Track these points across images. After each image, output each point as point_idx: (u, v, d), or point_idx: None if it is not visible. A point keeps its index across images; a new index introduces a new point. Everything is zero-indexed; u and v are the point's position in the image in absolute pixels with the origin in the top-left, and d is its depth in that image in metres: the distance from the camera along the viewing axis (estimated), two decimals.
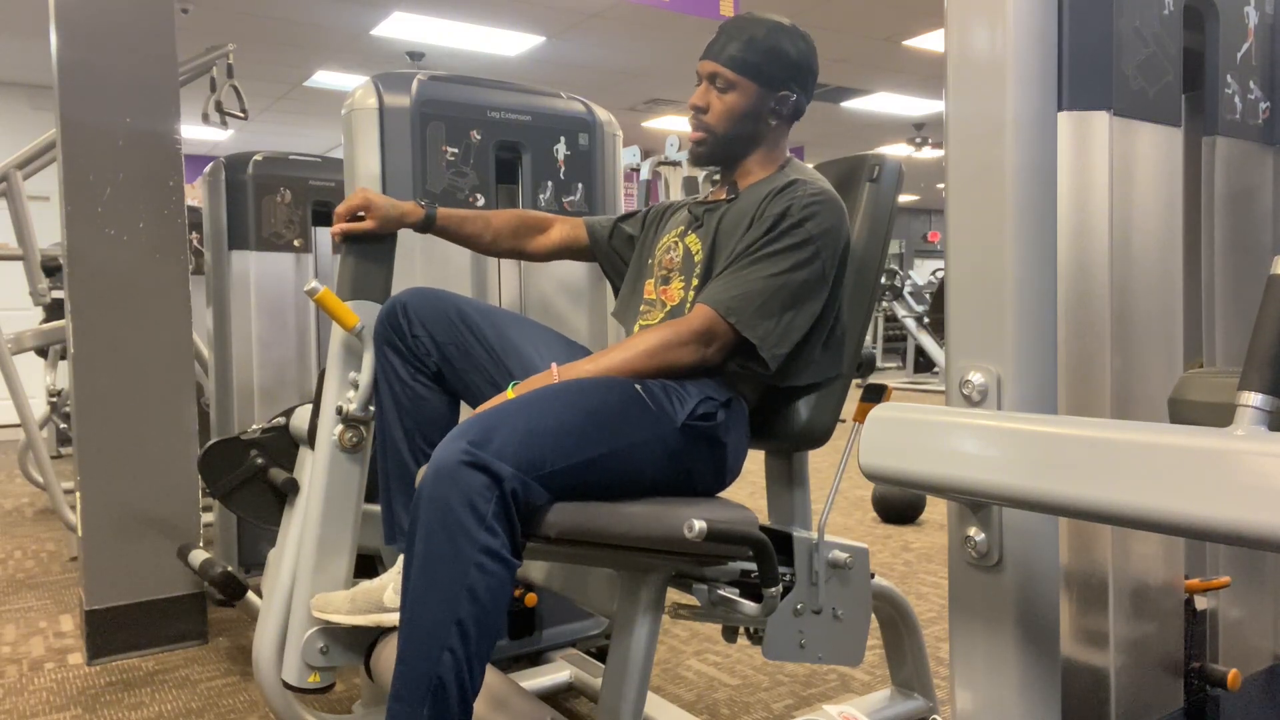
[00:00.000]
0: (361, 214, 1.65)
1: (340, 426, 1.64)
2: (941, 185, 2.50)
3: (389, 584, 1.56)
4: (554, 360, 1.56)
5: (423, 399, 1.56)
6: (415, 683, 1.16)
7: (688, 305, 1.54)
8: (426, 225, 1.71)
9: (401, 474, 1.57)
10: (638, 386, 1.38)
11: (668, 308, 1.59)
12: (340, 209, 1.66)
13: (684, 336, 1.44)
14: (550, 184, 2.11)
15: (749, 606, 1.32)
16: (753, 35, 1.55)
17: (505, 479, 1.18)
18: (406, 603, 1.20)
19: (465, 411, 1.59)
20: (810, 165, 1.67)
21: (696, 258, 1.58)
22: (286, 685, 1.58)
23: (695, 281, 1.55)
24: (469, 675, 1.17)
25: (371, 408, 1.64)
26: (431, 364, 1.56)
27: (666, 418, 1.38)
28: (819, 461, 1.77)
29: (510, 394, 1.39)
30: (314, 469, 1.66)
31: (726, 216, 1.57)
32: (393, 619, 1.54)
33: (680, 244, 1.63)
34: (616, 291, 1.83)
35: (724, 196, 1.62)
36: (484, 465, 1.17)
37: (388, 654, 1.53)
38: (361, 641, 1.60)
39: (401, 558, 1.58)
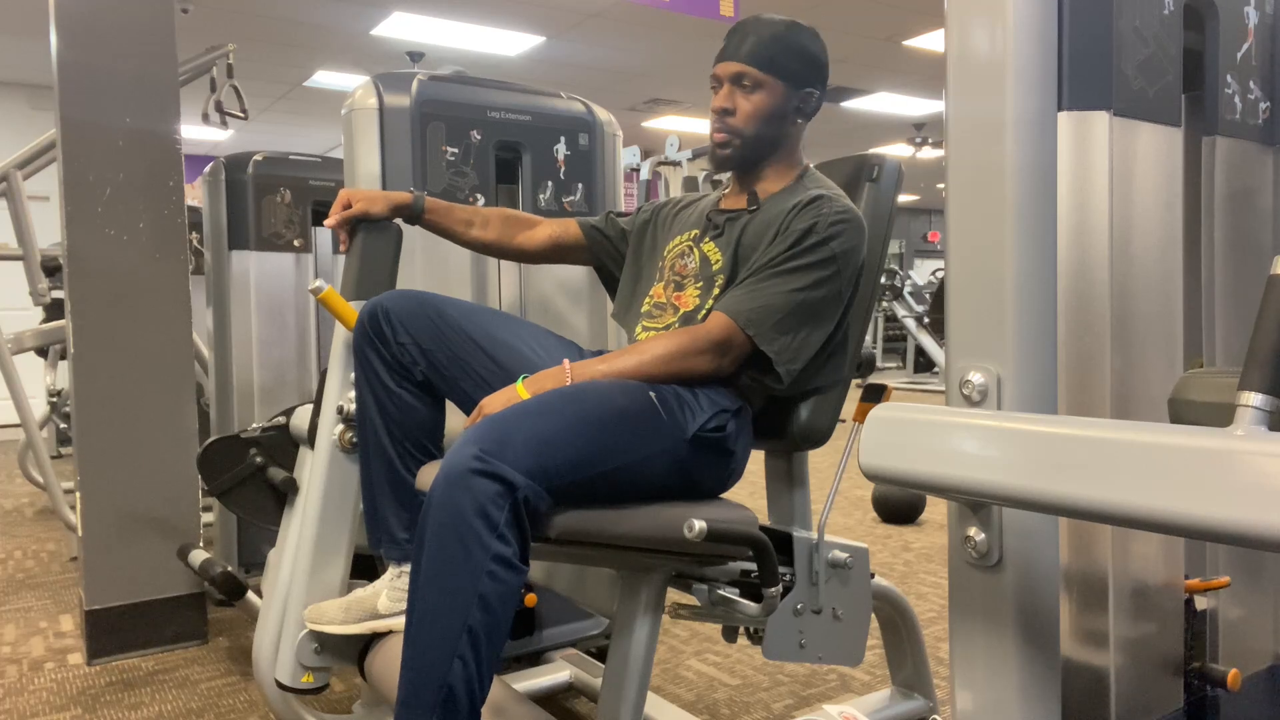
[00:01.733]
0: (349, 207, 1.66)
1: (341, 426, 1.64)
2: (941, 185, 2.50)
3: (382, 590, 1.56)
4: (549, 356, 1.55)
5: (410, 406, 1.54)
6: (424, 691, 1.15)
7: (703, 313, 1.52)
8: (417, 210, 1.70)
9: (392, 480, 1.56)
10: (652, 394, 1.37)
11: (680, 313, 1.57)
12: (332, 210, 1.67)
13: (701, 345, 1.43)
14: (550, 184, 2.11)
15: (749, 606, 1.32)
16: (774, 33, 1.53)
17: (519, 487, 1.16)
18: (414, 609, 1.19)
19: (452, 411, 1.59)
20: (813, 166, 1.66)
21: (715, 266, 1.56)
22: (280, 685, 1.58)
23: (716, 290, 1.53)
24: (478, 683, 1.16)
25: None
26: (419, 373, 1.52)
27: (678, 428, 1.37)
28: (819, 461, 1.77)
29: (520, 389, 1.37)
30: (313, 469, 1.66)
31: (750, 227, 1.55)
32: (387, 625, 1.53)
33: (695, 250, 1.61)
34: (611, 287, 1.82)
35: (744, 205, 1.59)
36: (497, 473, 1.15)
37: (383, 656, 1.53)
38: (356, 643, 1.60)
39: (392, 565, 1.58)
